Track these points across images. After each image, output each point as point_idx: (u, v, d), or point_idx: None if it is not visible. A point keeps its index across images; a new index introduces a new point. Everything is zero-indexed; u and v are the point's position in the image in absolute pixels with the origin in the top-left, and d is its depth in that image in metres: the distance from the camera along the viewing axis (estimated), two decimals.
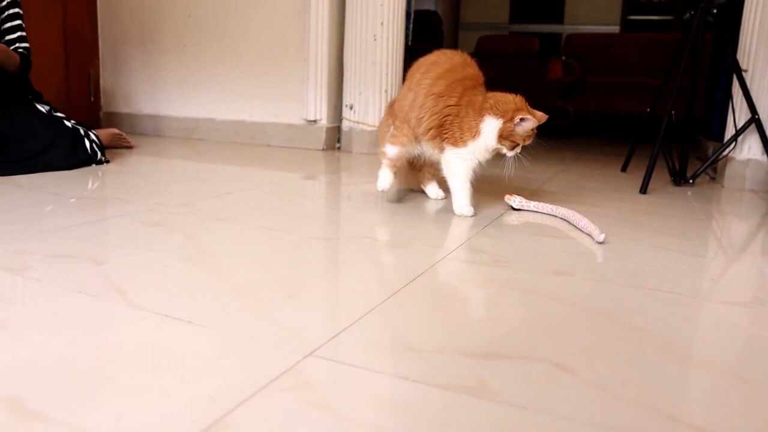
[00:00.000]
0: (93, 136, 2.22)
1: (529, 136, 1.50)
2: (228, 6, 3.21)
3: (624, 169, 2.70)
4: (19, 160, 2.06)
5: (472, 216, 1.56)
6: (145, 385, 0.64)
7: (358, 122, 2.91)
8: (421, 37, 4.48)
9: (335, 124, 3.07)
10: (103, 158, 2.22)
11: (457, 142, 1.52)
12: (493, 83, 1.59)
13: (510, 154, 1.51)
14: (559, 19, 6.01)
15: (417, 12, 4.66)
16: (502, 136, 1.47)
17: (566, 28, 5.86)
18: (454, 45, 6.07)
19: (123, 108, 3.65)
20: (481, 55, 4.92)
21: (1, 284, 0.93)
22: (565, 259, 1.21)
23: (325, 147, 3.03)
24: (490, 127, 1.47)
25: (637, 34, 5.42)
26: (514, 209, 1.66)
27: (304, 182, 2.05)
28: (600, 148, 3.80)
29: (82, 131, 2.20)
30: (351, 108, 2.94)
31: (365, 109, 2.90)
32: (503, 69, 4.77)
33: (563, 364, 0.73)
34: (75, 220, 1.36)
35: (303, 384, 0.66)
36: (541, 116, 1.49)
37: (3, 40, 2.28)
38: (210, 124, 3.32)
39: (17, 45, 2.29)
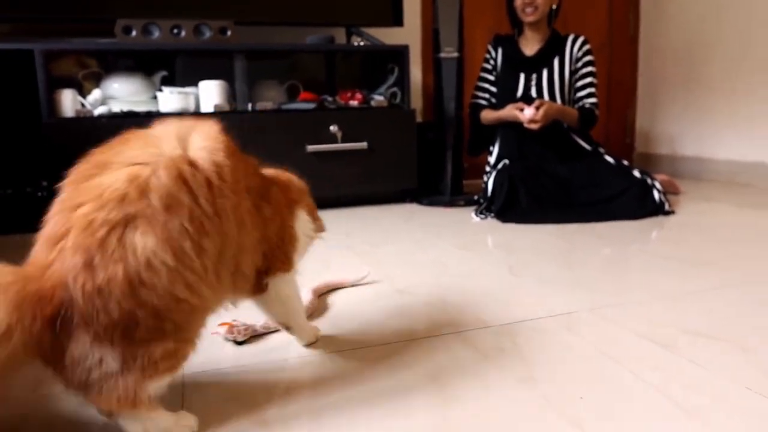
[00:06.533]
0: (658, 186, 2.26)
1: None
2: None
3: None
4: (584, 204, 2.25)
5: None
6: None
7: None
8: None
9: None
10: (670, 208, 2.25)
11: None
12: None
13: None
14: None
15: None
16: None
17: None
18: None
19: (660, 149, 3.65)
20: None
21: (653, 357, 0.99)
22: None
23: None
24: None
25: None
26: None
27: None
28: None
29: (649, 181, 2.27)
30: None
31: None
32: None
33: None
34: (685, 286, 1.38)
35: None
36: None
37: (574, 96, 2.55)
38: (760, 169, 3.01)
39: (585, 101, 2.52)
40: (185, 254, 0.66)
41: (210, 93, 2.42)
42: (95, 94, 2.33)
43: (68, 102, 2.25)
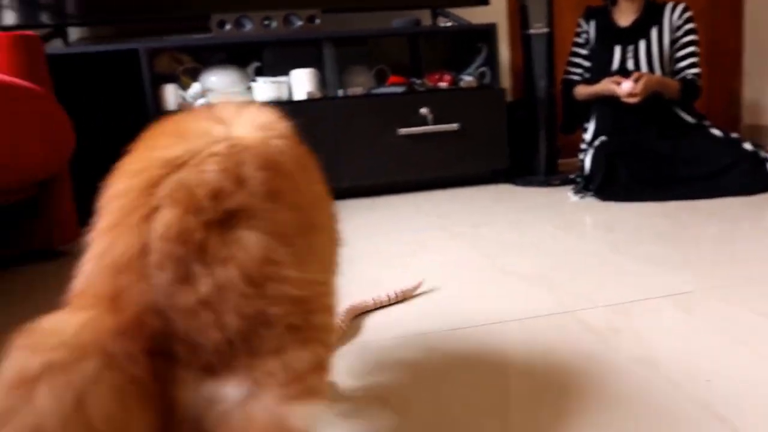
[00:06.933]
0: None
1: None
2: None
3: None
4: (688, 179, 2.14)
5: None
6: None
7: None
8: None
9: None
10: None
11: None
12: None
13: None
14: None
15: None
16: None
17: None
18: None
19: None
20: None
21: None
22: None
23: None
24: None
25: None
26: None
27: None
28: None
29: (762, 154, 2.12)
30: None
31: None
32: None
33: None
34: None
35: None
36: None
37: (675, 68, 2.42)
38: None
39: (686, 72, 2.38)
40: (298, 253, 0.49)
41: (302, 81, 2.47)
42: (195, 87, 2.43)
43: (171, 96, 2.36)
